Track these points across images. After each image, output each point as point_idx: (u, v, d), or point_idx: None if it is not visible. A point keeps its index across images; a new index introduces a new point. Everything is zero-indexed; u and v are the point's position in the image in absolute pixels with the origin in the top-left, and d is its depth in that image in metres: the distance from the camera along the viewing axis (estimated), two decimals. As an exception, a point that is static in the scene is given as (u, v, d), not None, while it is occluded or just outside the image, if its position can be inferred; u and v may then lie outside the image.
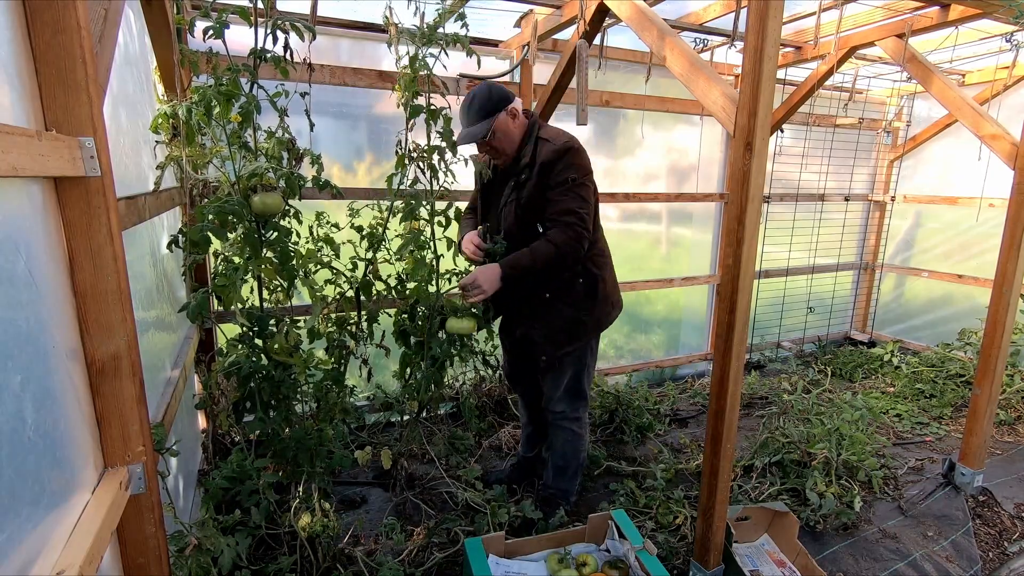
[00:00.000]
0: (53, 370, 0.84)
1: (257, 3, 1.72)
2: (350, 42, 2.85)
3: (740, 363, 1.70)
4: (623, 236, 3.93)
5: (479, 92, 2.02)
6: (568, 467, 2.32)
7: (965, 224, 4.36)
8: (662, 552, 2.09)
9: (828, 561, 2.16)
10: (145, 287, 1.64)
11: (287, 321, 1.97)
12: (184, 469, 1.90)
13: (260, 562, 1.89)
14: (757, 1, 1.45)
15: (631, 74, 3.55)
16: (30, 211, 0.81)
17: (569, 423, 2.24)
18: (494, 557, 1.91)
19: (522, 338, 2.20)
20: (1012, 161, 2.33)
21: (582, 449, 2.31)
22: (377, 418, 3.09)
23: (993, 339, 2.41)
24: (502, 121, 2.00)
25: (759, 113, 1.50)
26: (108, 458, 1.00)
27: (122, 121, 1.53)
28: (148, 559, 1.07)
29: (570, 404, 2.22)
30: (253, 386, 1.91)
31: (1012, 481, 2.73)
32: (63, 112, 0.87)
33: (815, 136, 4.22)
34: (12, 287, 0.74)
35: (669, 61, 1.84)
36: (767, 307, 4.43)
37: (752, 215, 1.58)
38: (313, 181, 2.02)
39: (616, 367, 3.97)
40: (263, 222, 1.86)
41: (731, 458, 1.80)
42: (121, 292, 0.96)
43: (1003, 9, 2.36)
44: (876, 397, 3.72)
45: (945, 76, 2.88)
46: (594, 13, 2.39)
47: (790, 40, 3.41)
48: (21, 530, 0.71)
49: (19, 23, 0.82)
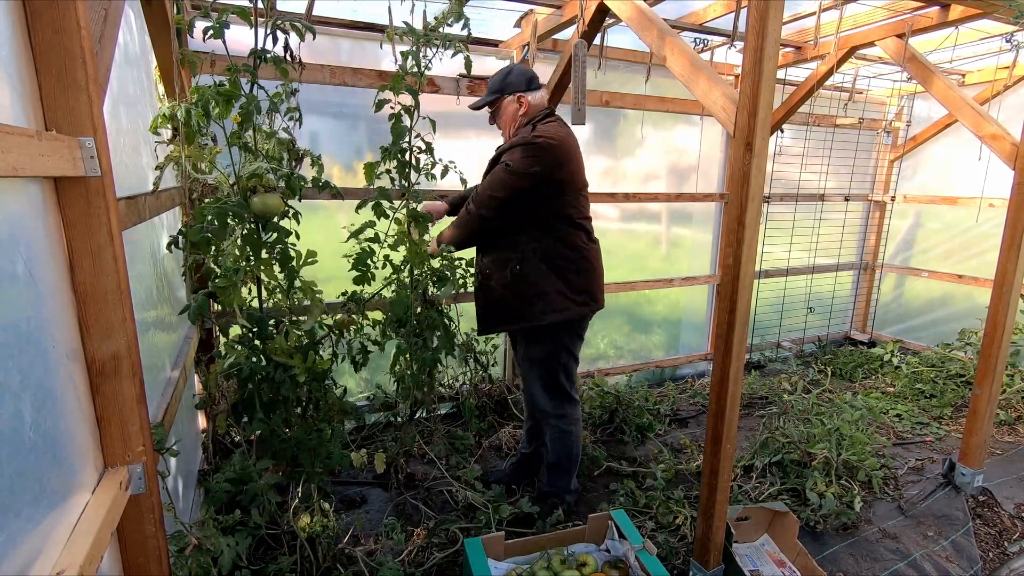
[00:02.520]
0: (53, 370, 0.84)
1: (257, 3, 1.72)
2: (350, 42, 2.85)
3: (740, 363, 1.70)
4: (623, 236, 3.93)
5: (507, 69, 2.19)
6: (560, 464, 2.32)
7: (965, 224, 4.36)
8: (662, 552, 2.09)
9: (828, 561, 2.16)
10: (145, 287, 1.64)
11: (286, 322, 1.97)
12: (184, 469, 1.90)
13: (260, 562, 1.89)
14: (757, 1, 1.45)
15: (631, 74, 3.55)
16: (30, 211, 0.81)
17: (556, 420, 2.26)
18: (492, 560, 1.91)
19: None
20: (1012, 161, 2.33)
21: (572, 445, 2.30)
22: (377, 418, 3.09)
23: (993, 339, 2.41)
24: (506, 103, 2.16)
25: (759, 113, 1.50)
26: (108, 458, 1.00)
27: (122, 121, 1.53)
28: (148, 559, 1.07)
29: (551, 402, 2.24)
30: (252, 387, 1.91)
31: (1012, 481, 2.73)
32: (63, 112, 0.87)
33: (815, 136, 4.22)
34: (12, 287, 0.74)
35: (669, 61, 1.84)
36: (767, 307, 4.43)
37: (752, 215, 1.58)
38: (313, 182, 2.02)
39: (616, 367, 3.96)
40: (263, 223, 1.85)
41: (731, 458, 1.80)
42: (121, 292, 0.96)
43: (1003, 9, 2.36)
44: (876, 397, 3.72)
45: (945, 76, 2.88)
46: (594, 13, 2.39)
47: (790, 40, 3.41)
48: (21, 530, 0.71)
49: (19, 23, 0.82)
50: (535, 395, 2.27)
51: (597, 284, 2.25)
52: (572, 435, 2.29)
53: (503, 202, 2.05)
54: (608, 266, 3.85)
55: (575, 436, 2.30)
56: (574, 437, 2.30)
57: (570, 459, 2.32)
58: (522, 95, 2.14)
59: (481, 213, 2.08)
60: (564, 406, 2.26)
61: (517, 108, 2.15)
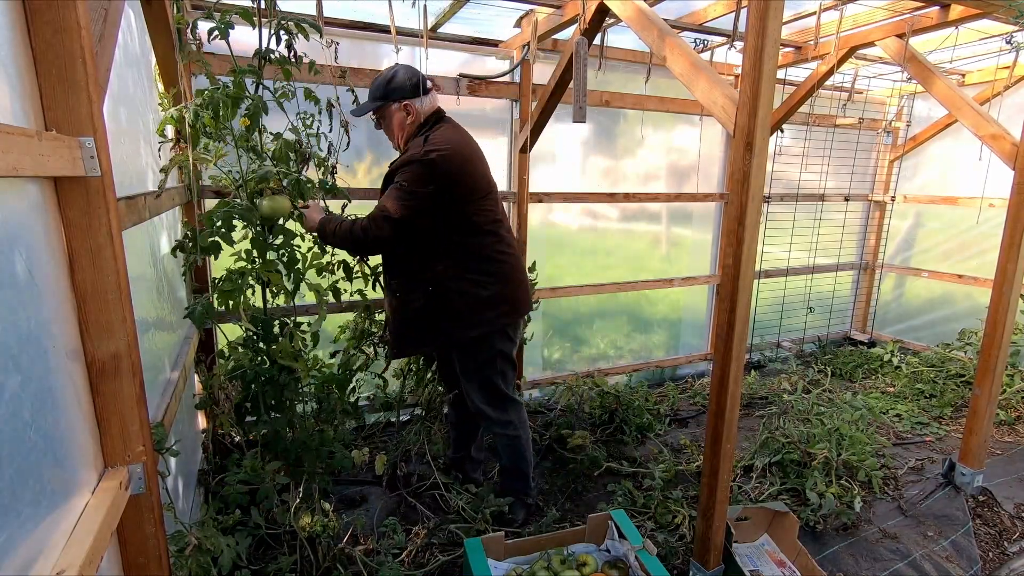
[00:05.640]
0: (53, 370, 0.84)
1: (260, 3, 1.72)
2: (350, 42, 2.84)
3: (740, 363, 1.70)
4: (623, 236, 3.93)
5: (391, 73, 2.05)
6: (512, 469, 2.33)
7: (965, 224, 4.36)
8: (662, 552, 2.09)
9: (828, 561, 2.16)
10: (145, 287, 1.64)
11: (291, 324, 1.97)
12: (184, 469, 1.90)
13: (260, 562, 1.89)
14: (757, 1, 1.45)
15: (631, 74, 3.55)
16: (30, 211, 0.81)
17: (501, 429, 2.23)
18: (492, 560, 1.91)
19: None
20: (1012, 161, 2.33)
21: (521, 447, 2.28)
22: (377, 418, 3.09)
23: (993, 339, 2.41)
24: (392, 111, 2.07)
25: (759, 113, 1.50)
26: (108, 458, 1.00)
27: (122, 121, 1.53)
28: (148, 559, 1.07)
29: (495, 410, 2.21)
30: (256, 389, 1.91)
31: (1012, 481, 2.73)
32: (63, 112, 0.87)
33: (815, 136, 4.21)
34: (12, 287, 0.74)
35: (669, 61, 1.84)
36: (767, 307, 4.43)
37: (752, 215, 1.58)
38: (320, 184, 2.02)
39: (616, 367, 3.96)
40: (270, 225, 1.85)
41: (731, 458, 1.80)
42: (121, 292, 0.96)
43: (1003, 9, 2.36)
44: (876, 397, 3.72)
45: (945, 76, 2.88)
46: (594, 13, 2.39)
47: (790, 40, 3.41)
48: (21, 530, 0.71)
49: (19, 23, 0.82)
50: (477, 405, 2.21)
51: (517, 292, 2.17)
52: (520, 439, 2.26)
53: (398, 223, 1.94)
54: (608, 266, 3.90)
55: (523, 440, 2.27)
56: (523, 441, 2.27)
57: (523, 461, 2.31)
58: (408, 103, 2.03)
59: (377, 235, 1.95)
60: (508, 412, 2.23)
61: (404, 116, 2.06)
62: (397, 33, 2.26)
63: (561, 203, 3.50)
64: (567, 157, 3.53)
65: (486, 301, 2.06)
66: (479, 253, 2.06)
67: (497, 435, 2.26)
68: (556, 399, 3.42)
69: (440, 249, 2.02)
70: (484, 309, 2.06)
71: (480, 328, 2.07)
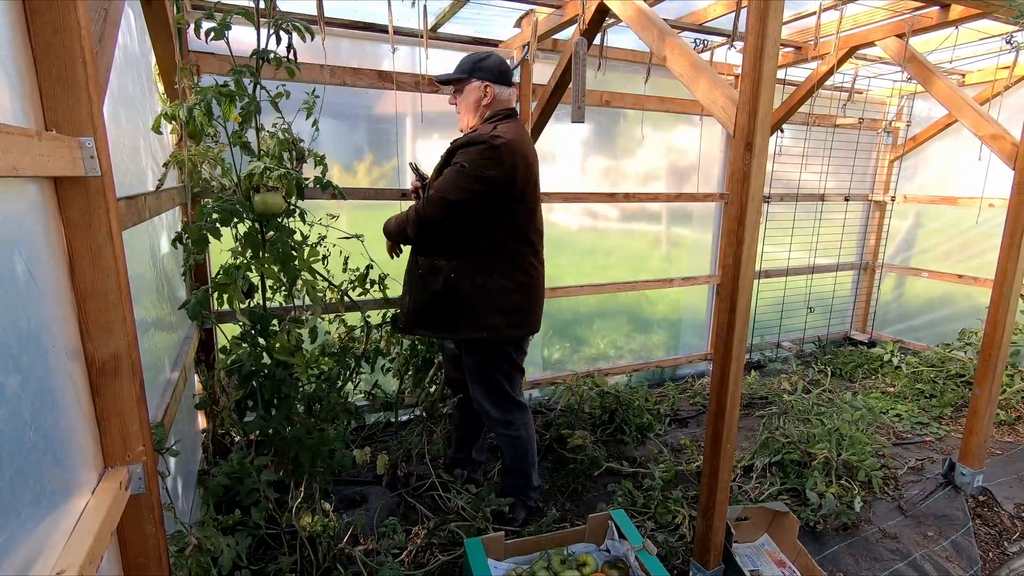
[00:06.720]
0: (53, 370, 0.84)
1: (259, 3, 1.73)
2: (350, 42, 2.85)
3: (740, 363, 1.70)
4: (623, 236, 3.93)
5: (485, 54, 2.07)
6: (514, 467, 2.32)
7: (965, 224, 4.36)
8: (662, 552, 2.09)
9: (828, 561, 2.16)
10: (145, 287, 1.64)
11: (288, 320, 1.97)
12: (184, 469, 1.90)
13: (260, 562, 1.89)
14: (757, 1, 1.45)
15: (631, 74, 3.55)
16: (30, 211, 0.81)
17: (503, 428, 2.23)
18: (492, 560, 1.91)
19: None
20: (1012, 161, 2.33)
21: (525, 449, 2.28)
22: (377, 418, 3.09)
23: (993, 339, 2.41)
24: (472, 88, 2.04)
25: (759, 113, 1.50)
26: (108, 458, 1.00)
27: (122, 121, 1.53)
28: (148, 559, 1.07)
29: (498, 410, 2.21)
30: (255, 384, 1.91)
31: (1012, 481, 2.73)
32: (63, 112, 0.87)
33: (815, 136, 4.21)
34: (12, 287, 0.74)
35: (669, 61, 1.84)
36: (767, 307, 4.43)
37: (752, 215, 1.58)
38: (315, 181, 2.02)
39: (616, 367, 3.96)
40: (265, 222, 1.86)
41: (731, 458, 1.80)
42: (121, 292, 0.96)
43: (1003, 9, 2.36)
44: (876, 397, 3.72)
45: (945, 76, 2.88)
46: (594, 13, 2.39)
47: (790, 40, 3.41)
48: (21, 530, 0.71)
49: (19, 23, 0.82)
50: (481, 403, 2.21)
51: (533, 309, 2.15)
52: (522, 439, 2.25)
53: (454, 205, 1.91)
54: (608, 266, 3.90)
55: (526, 439, 2.26)
56: (525, 441, 2.26)
57: (525, 461, 2.30)
58: (490, 85, 2.01)
59: (431, 215, 1.94)
60: (512, 412, 2.22)
61: (481, 96, 2.02)
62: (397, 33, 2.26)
63: (561, 203, 3.50)
64: (567, 157, 3.53)
65: (503, 308, 2.04)
66: (512, 259, 2.05)
67: (499, 435, 2.26)
68: (556, 399, 3.43)
69: (479, 244, 2.00)
70: (498, 314, 2.04)
71: (488, 332, 2.06)
